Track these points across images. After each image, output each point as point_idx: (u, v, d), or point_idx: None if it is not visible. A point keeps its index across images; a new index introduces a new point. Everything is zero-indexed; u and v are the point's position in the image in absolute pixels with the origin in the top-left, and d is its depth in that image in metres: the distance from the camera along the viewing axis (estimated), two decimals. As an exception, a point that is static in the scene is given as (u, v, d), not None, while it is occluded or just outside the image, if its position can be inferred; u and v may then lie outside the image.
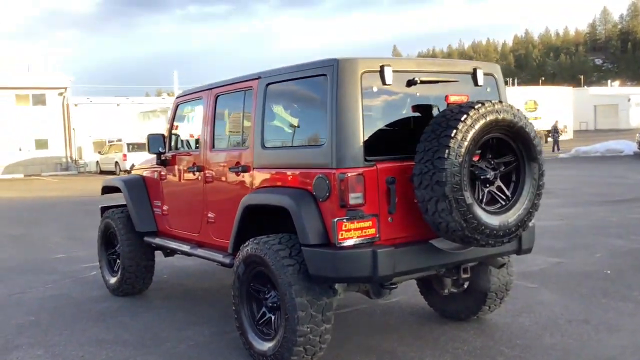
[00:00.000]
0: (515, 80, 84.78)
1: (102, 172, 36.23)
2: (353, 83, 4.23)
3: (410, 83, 4.47)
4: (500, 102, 4.24)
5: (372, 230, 4.17)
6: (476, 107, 4.10)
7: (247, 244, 4.67)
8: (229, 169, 5.24)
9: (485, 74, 4.90)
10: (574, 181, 18.35)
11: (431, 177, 4.02)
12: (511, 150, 4.37)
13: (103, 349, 5.21)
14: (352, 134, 4.18)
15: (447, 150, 3.98)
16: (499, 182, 4.37)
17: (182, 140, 6.35)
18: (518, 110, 4.31)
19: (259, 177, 4.90)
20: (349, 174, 4.12)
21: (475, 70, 4.83)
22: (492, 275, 5.30)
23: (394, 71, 4.39)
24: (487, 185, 4.32)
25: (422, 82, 4.52)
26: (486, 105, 4.13)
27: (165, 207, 6.41)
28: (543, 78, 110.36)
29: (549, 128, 39.78)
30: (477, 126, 4.06)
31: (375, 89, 4.33)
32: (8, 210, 18.30)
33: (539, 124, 41.33)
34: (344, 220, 4.09)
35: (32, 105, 40.39)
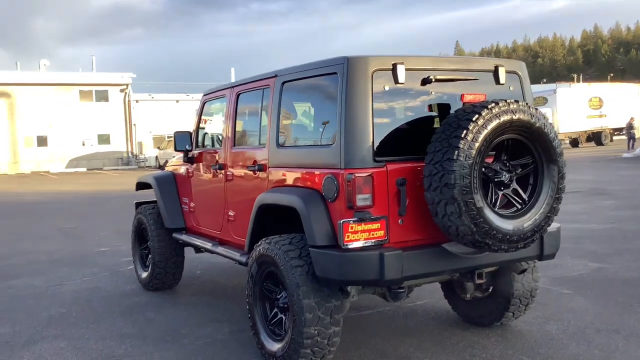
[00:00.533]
0: (581, 77, 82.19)
1: (161, 167, 36.99)
2: (363, 82, 4.14)
3: (425, 82, 4.35)
4: (517, 101, 4.06)
5: (381, 233, 4.08)
6: (489, 106, 3.95)
7: (259, 243, 4.64)
8: (247, 167, 5.23)
9: (508, 72, 4.73)
10: (635, 182, 17.62)
11: (440, 179, 3.90)
12: (529, 152, 4.20)
13: (123, 344, 5.29)
14: (360, 134, 4.10)
15: (456, 152, 3.85)
16: (515, 185, 4.21)
17: (208, 138, 6.38)
18: (536, 110, 4.13)
19: (273, 176, 4.87)
20: (357, 175, 4.04)
21: (496, 67, 4.66)
22: (516, 281, 5.11)
23: (407, 69, 4.28)
24: (502, 188, 4.17)
25: (437, 80, 4.38)
26: (500, 105, 3.98)
27: (192, 204, 6.46)
28: (612, 74, 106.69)
29: (617, 126, 38.35)
30: (490, 127, 3.92)
31: (387, 88, 4.23)
32: (67, 203, 18.91)
33: (604, 122, 39.97)
34: (351, 222, 4.01)
35: (95, 102, 41.71)
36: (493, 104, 3.97)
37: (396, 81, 4.23)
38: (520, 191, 4.23)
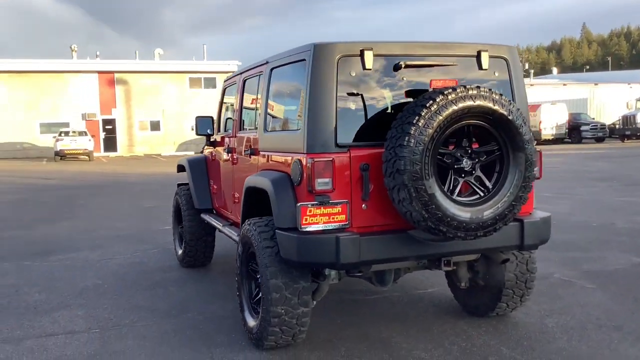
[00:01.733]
0: None
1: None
2: (328, 68, 4.20)
3: (396, 68, 4.34)
4: (478, 87, 3.98)
5: (342, 217, 4.14)
6: (446, 92, 3.90)
7: (244, 224, 4.83)
8: (244, 151, 5.43)
9: (493, 57, 4.61)
10: None
11: (393, 165, 3.91)
12: (494, 139, 4.10)
13: (132, 314, 5.66)
14: (322, 120, 4.17)
15: (407, 138, 3.84)
16: (479, 173, 4.13)
17: (229, 122, 6.64)
18: (501, 95, 4.02)
19: (261, 160, 5.04)
20: (316, 160, 4.11)
21: (479, 52, 4.55)
22: (508, 271, 4.99)
23: (377, 55, 4.29)
24: (463, 176, 4.10)
25: (408, 66, 4.36)
26: (458, 90, 3.91)
27: (215, 186, 6.76)
28: None
29: None
30: (445, 113, 3.87)
31: (354, 74, 4.26)
32: (160, 184, 19.92)
33: None
34: (309, 205, 4.10)
35: (204, 88, 43.45)
36: (450, 90, 3.91)
37: (364, 67, 4.26)
38: (485, 179, 4.14)
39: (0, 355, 4.75)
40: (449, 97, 3.88)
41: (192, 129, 31.21)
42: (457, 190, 4.08)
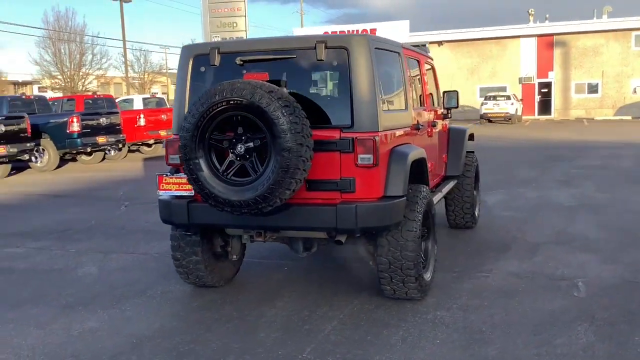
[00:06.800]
0: None
1: None
2: (185, 65, 5.23)
3: (236, 63, 5.03)
4: (239, 81, 4.48)
5: (189, 186, 5.16)
6: (214, 88, 4.55)
7: None
8: None
9: (332, 47, 4.80)
10: None
11: (179, 146, 4.78)
12: (260, 128, 4.52)
13: (125, 287, 6.06)
14: (178, 108, 5.23)
15: (183, 124, 4.69)
16: (253, 158, 4.62)
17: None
18: (261, 88, 4.42)
19: None
20: (169, 140, 5.25)
21: (316, 44, 4.81)
22: (379, 255, 5.06)
23: (223, 52, 5.08)
24: (239, 159, 4.65)
25: (248, 61, 5.00)
26: (219, 87, 4.52)
27: None
28: None
29: None
30: (207, 104, 4.55)
31: (203, 69, 5.15)
32: (550, 149, 19.91)
33: None
34: (164, 175, 5.26)
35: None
36: (219, 87, 4.53)
37: (211, 63, 5.11)
38: (258, 163, 4.60)
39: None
40: (212, 91, 4.53)
41: (635, 92, 29.77)
42: (231, 171, 4.67)
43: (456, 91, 7.22)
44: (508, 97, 36.99)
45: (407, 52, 5.88)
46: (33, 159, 16.52)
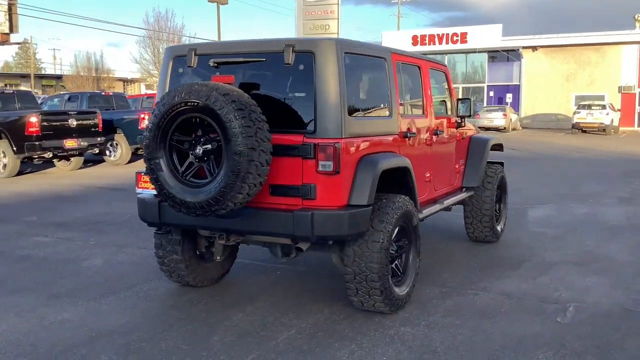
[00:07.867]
0: None
1: None
2: (166, 65, 5.33)
3: (210, 65, 5.04)
4: (197, 84, 4.49)
5: None
6: (174, 90, 4.59)
7: None
8: None
9: (299, 52, 4.72)
10: None
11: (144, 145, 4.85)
12: (215, 131, 4.50)
13: (117, 281, 6.18)
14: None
15: (145, 124, 4.75)
16: (211, 159, 4.61)
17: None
18: (216, 91, 4.40)
19: None
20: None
21: (284, 48, 4.74)
22: (345, 265, 4.92)
23: (200, 54, 5.12)
24: (198, 161, 4.65)
25: (221, 63, 5.01)
26: (179, 88, 4.54)
27: None
28: None
29: None
30: (167, 105, 4.59)
31: (181, 70, 5.21)
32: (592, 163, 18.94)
33: None
34: (143, 173, 5.34)
35: None
36: (179, 88, 4.56)
37: (188, 65, 5.15)
38: (215, 166, 4.58)
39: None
40: (172, 93, 4.57)
41: None
42: (190, 173, 4.68)
43: (469, 99, 6.91)
44: (603, 107, 35.06)
45: (399, 57, 5.68)
46: (107, 152, 17.29)
